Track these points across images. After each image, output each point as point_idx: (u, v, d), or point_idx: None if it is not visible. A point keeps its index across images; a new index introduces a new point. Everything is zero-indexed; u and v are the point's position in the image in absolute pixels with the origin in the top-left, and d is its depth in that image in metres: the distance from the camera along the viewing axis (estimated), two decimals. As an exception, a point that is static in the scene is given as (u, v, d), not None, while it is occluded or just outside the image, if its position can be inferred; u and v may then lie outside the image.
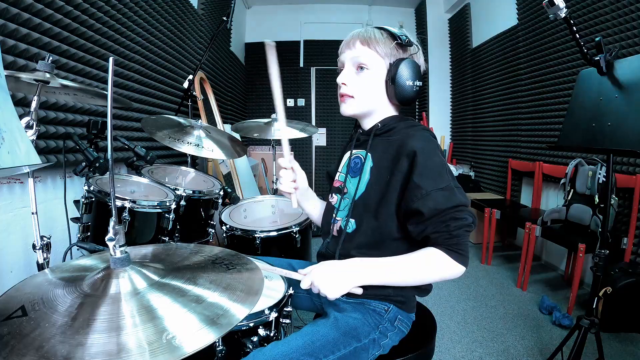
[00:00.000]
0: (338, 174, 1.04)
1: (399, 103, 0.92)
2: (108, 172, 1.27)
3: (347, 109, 0.93)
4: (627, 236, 2.13)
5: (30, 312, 0.52)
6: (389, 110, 0.95)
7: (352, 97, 0.91)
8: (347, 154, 1.01)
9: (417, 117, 5.28)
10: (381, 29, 0.90)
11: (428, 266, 0.79)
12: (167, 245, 0.82)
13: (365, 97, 0.91)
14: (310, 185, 1.07)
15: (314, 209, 1.12)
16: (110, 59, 0.53)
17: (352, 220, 0.92)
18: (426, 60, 0.97)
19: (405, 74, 0.87)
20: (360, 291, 0.81)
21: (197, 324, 0.51)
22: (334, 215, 0.98)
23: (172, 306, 0.54)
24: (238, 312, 0.55)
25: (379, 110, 0.94)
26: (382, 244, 0.88)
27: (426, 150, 0.82)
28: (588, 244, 2.05)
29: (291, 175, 0.99)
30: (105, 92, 1.15)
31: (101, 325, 0.49)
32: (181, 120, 1.73)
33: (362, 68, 0.89)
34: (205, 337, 0.49)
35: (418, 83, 0.89)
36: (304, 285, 0.81)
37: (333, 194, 1.02)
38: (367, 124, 0.97)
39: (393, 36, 0.88)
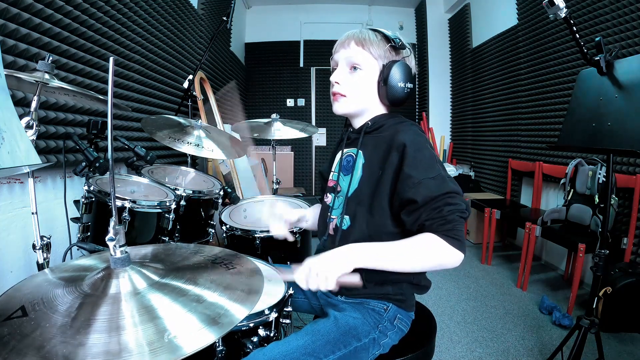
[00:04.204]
0: (332, 173, 1.05)
1: (390, 104, 0.93)
2: (108, 172, 1.27)
3: (340, 107, 0.95)
4: (627, 236, 2.13)
5: (30, 312, 0.52)
6: (380, 110, 0.96)
7: (345, 95, 0.93)
8: (339, 154, 1.02)
9: (417, 117, 5.28)
10: (375, 31, 0.91)
11: (425, 251, 0.78)
12: (167, 245, 0.82)
13: (357, 96, 0.93)
14: (310, 185, 1.08)
15: (309, 221, 1.17)
16: (111, 59, 0.53)
17: (347, 217, 0.93)
18: (426, 60, 0.98)
19: (397, 75, 0.88)
20: (359, 281, 0.78)
21: (198, 323, 0.51)
22: (329, 214, 0.99)
23: (172, 306, 0.54)
24: (238, 311, 0.55)
25: (370, 110, 0.96)
26: (377, 239, 0.87)
27: (415, 143, 0.83)
28: (588, 244, 2.05)
29: (283, 228, 1.07)
30: (104, 98, 1.15)
31: (102, 325, 0.49)
32: (181, 120, 1.72)
33: (355, 68, 0.91)
34: (206, 336, 0.49)
35: (409, 85, 0.91)
36: (300, 282, 0.78)
37: (327, 194, 1.04)
38: (358, 123, 0.98)
39: (387, 38, 0.90)
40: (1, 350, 0.44)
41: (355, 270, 0.78)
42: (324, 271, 0.76)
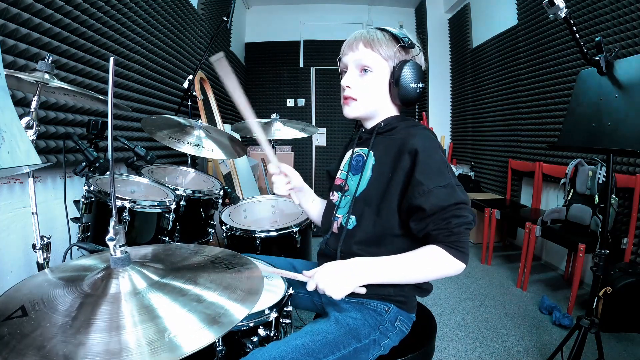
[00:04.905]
0: (340, 172, 1.04)
1: (402, 104, 0.93)
2: (108, 172, 1.27)
3: (351, 111, 0.94)
4: (627, 236, 2.13)
5: (30, 312, 0.52)
6: (391, 111, 0.96)
7: (356, 99, 0.92)
8: (349, 153, 1.02)
9: (417, 117, 5.28)
10: (383, 31, 0.90)
11: (429, 263, 0.80)
12: (167, 245, 0.82)
13: (369, 99, 0.93)
14: (310, 185, 1.07)
15: (314, 207, 1.14)
16: (111, 59, 0.53)
17: (353, 217, 0.93)
18: (426, 60, 0.98)
19: (409, 76, 0.87)
20: (363, 290, 0.81)
21: (198, 323, 0.51)
22: (334, 212, 0.99)
23: (172, 306, 0.54)
24: (238, 311, 0.55)
25: (382, 111, 0.95)
26: (382, 241, 0.88)
27: (428, 149, 0.83)
28: (588, 244, 2.05)
29: (283, 179, 1.01)
30: (104, 98, 1.15)
31: (102, 325, 0.49)
32: (181, 120, 1.72)
33: (365, 70, 0.90)
34: (206, 336, 0.49)
35: (421, 85, 0.90)
36: (310, 288, 0.81)
37: (334, 192, 1.03)
38: (370, 124, 0.98)
39: (396, 38, 0.89)
40: (1, 350, 0.44)
41: None
42: (334, 292, 0.78)
